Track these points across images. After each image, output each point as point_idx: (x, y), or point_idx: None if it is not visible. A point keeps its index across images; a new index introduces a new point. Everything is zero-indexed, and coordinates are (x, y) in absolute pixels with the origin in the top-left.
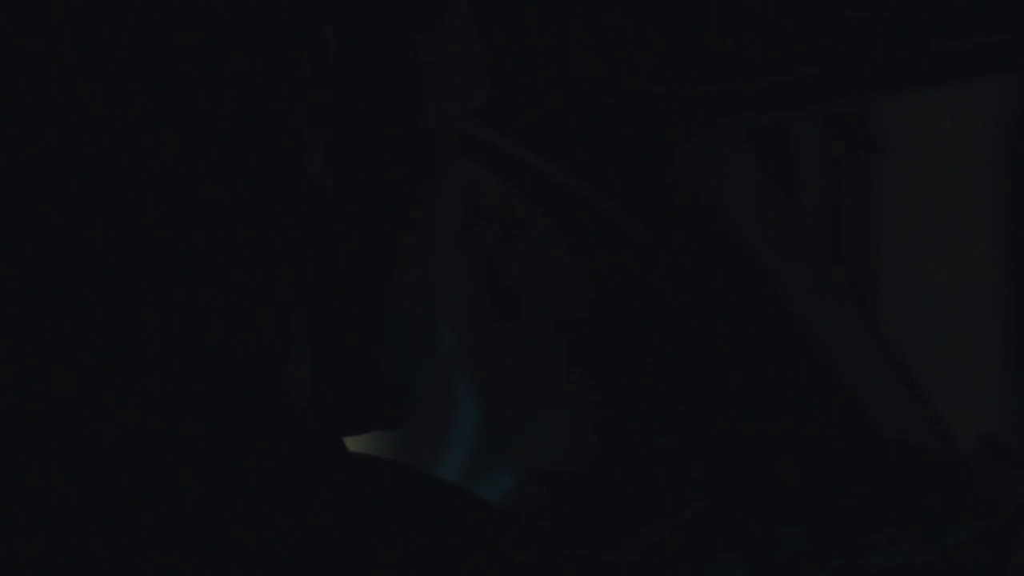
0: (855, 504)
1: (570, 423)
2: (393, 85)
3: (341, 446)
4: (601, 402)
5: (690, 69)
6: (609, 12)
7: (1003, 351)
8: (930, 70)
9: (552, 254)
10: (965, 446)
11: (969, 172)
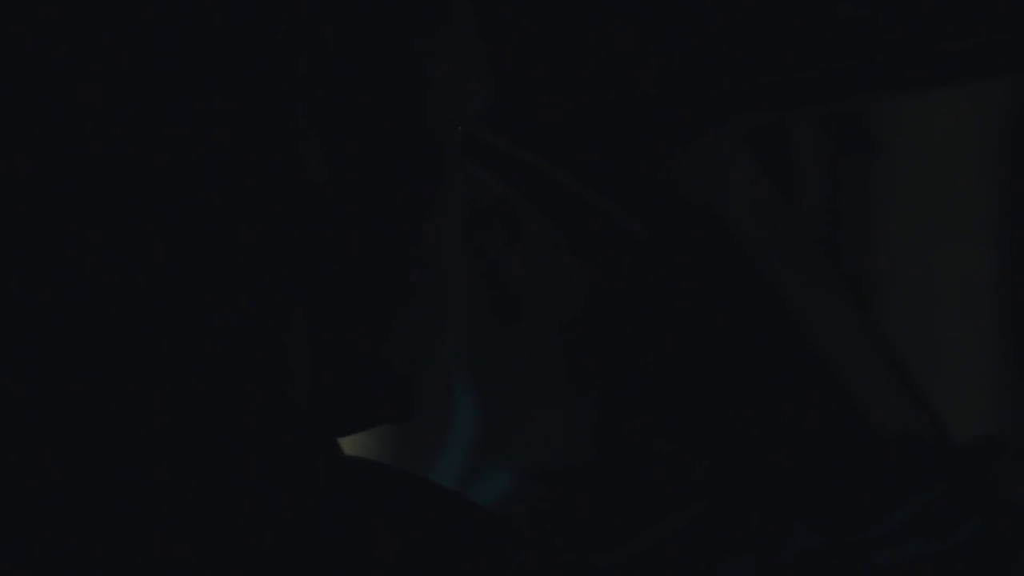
0: (855, 504)
1: (569, 423)
2: (394, 86)
3: (337, 449)
4: (600, 402)
5: (690, 69)
6: (609, 12)
7: (1002, 351)
8: (930, 70)
9: (552, 255)
10: (965, 445)
11: (969, 172)
